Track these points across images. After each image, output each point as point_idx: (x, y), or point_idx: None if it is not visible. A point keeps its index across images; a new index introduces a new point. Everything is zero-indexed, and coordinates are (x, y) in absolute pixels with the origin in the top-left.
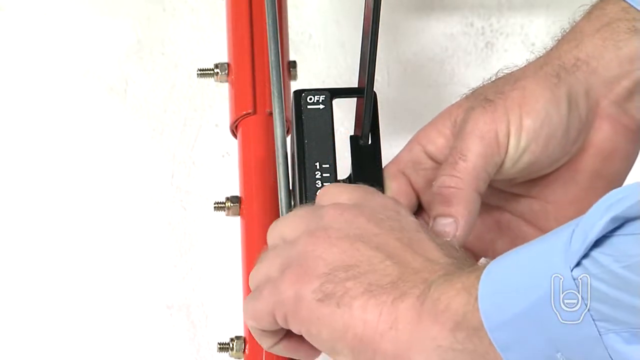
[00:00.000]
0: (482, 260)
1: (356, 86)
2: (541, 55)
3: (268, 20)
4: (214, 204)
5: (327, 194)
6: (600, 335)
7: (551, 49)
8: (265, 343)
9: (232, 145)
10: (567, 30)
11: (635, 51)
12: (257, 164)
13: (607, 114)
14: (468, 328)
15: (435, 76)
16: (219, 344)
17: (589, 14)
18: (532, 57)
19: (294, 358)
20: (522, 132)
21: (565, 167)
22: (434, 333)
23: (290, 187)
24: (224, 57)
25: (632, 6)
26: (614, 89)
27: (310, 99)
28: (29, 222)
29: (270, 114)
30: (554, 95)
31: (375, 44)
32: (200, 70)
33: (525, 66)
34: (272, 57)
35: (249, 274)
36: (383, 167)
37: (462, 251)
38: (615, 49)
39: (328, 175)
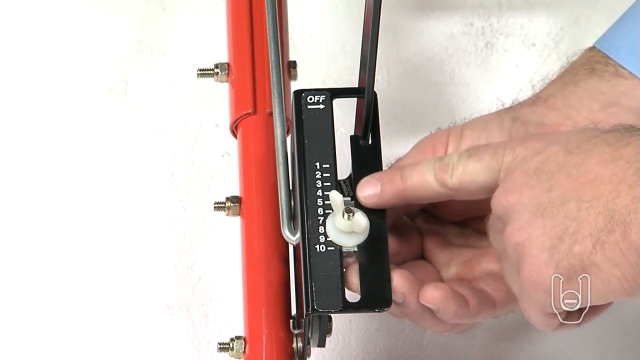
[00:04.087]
0: None
1: (356, 86)
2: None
3: (268, 20)
4: (214, 204)
5: None
6: None
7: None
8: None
9: (232, 145)
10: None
11: (591, 88)
12: (257, 164)
13: None
14: None
15: (435, 76)
16: (219, 344)
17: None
18: (531, 56)
19: None
20: (461, 140)
21: None
22: None
23: (290, 187)
24: (224, 57)
25: (600, 51)
26: (574, 118)
27: (311, 99)
28: (28, 222)
29: (270, 114)
30: (499, 116)
31: (376, 44)
32: (200, 70)
33: None
34: (272, 57)
35: (249, 273)
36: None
37: None
38: (574, 88)
39: (328, 175)
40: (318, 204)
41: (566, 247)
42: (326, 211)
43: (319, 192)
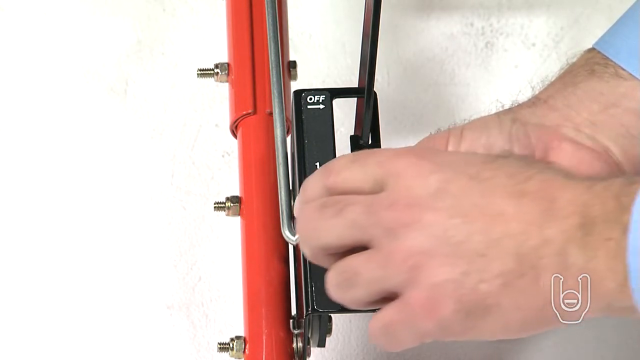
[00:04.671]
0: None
1: (356, 86)
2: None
3: (268, 20)
4: (214, 204)
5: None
6: None
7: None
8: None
9: (232, 145)
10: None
11: (591, 89)
12: (257, 164)
13: (568, 137)
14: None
15: (435, 76)
16: (219, 344)
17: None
18: (531, 57)
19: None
20: (461, 141)
21: None
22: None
23: (290, 187)
24: (224, 57)
25: (600, 52)
26: (574, 119)
27: (310, 99)
28: (28, 222)
29: (270, 114)
30: (498, 117)
31: (376, 44)
32: (200, 70)
33: None
34: (272, 57)
35: (249, 273)
36: None
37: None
38: (574, 89)
39: None
40: None
41: (472, 284)
42: None
43: None
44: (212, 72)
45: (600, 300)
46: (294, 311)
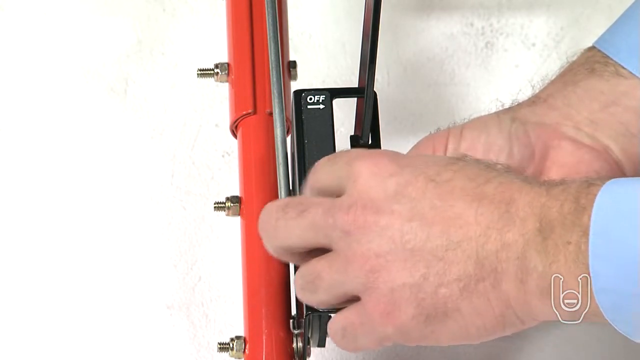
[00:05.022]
0: None
1: (356, 86)
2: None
3: (268, 20)
4: (214, 204)
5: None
6: None
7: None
8: None
9: (232, 145)
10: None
11: (591, 87)
12: (257, 164)
13: (568, 136)
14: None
15: (435, 76)
16: (219, 344)
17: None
18: (531, 56)
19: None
20: (461, 141)
21: None
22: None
23: (290, 187)
24: (224, 57)
25: (600, 51)
26: (574, 118)
27: (310, 99)
28: (28, 222)
29: (270, 114)
30: (498, 116)
31: (376, 44)
32: (200, 70)
33: None
34: (272, 57)
35: (249, 273)
36: None
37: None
38: (574, 88)
39: None
40: None
41: (431, 288)
42: None
43: None
44: (212, 72)
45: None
46: (294, 311)
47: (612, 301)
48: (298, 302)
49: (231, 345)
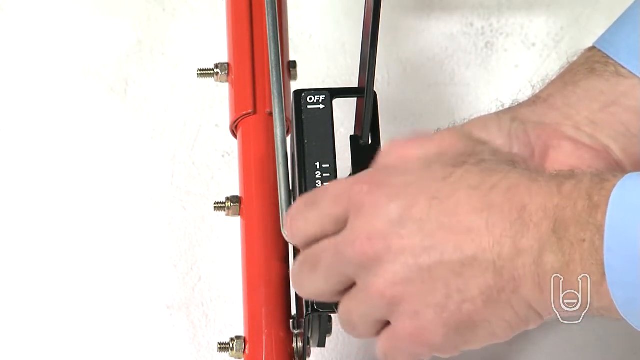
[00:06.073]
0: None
1: (356, 86)
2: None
3: (268, 20)
4: (214, 204)
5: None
6: None
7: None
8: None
9: (232, 145)
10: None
11: (591, 87)
12: (257, 164)
13: (568, 136)
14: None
15: (435, 76)
16: (219, 344)
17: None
18: (531, 56)
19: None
20: None
21: None
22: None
23: (290, 187)
24: (224, 57)
25: (600, 51)
26: (574, 118)
27: (310, 99)
28: (28, 222)
29: (270, 114)
30: (498, 116)
31: (376, 44)
32: (200, 70)
33: None
34: (272, 57)
35: (249, 273)
36: None
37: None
38: (574, 88)
39: (328, 175)
40: None
41: (455, 306)
42: None
43: None
44: (212, 72)
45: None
46: (294, 311)
47: (626, 295)
48: (298, 302)
49: (231, 345)
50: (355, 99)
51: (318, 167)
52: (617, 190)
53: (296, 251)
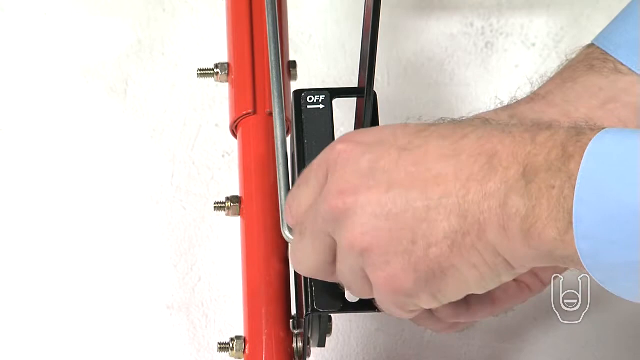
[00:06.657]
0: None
1: (356, 86)
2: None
3: (268, 20)
4: (214, 204)
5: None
6: None
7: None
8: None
9: (232, 145)
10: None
11: (590, 84)
12: (257, 164)
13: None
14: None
15: (435, 76)
16: (219, 344)
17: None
18: (531, 56)
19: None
20: None
21: None
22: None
23: (290, 187)
24: (224, 57)
25: (599, 48)
26: (572, 115)
27: (310, 99)
28: (28, 222)
29: (270, 114)
30: (496, 113)
31: (375, 44)
32: (200, 70)
33: None
34: (272, 57)
35: (249, 273)
36: None
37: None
38: (572, 84)
39: None
40: None
41: (422, 251)
42: None
43: None
44: (212, 72)
45: (541, 248)
46: (294, 311)
47: (591, 247)
48: (298, 302)
49: (231, 345)
50: (355, 99)
51: None
52: (594, 142)
53: None
